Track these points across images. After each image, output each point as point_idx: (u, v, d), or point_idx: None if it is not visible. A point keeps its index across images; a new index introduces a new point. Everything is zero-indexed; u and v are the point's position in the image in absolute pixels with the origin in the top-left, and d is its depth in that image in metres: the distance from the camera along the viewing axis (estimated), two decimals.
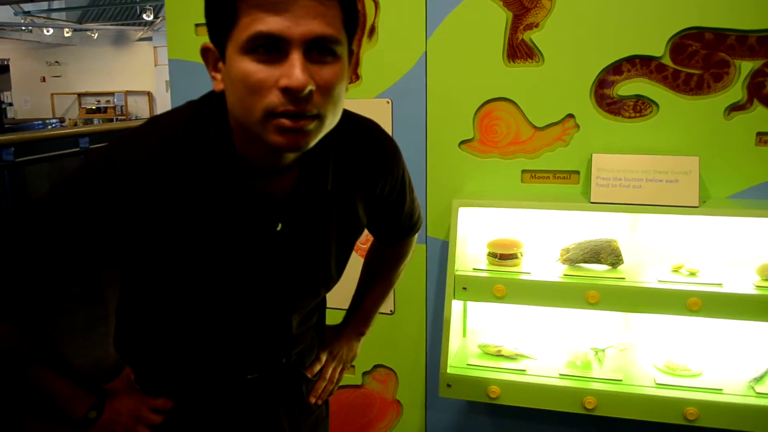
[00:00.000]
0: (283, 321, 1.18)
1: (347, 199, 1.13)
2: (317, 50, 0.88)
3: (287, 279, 1.12)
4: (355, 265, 1.38)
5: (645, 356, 1.95)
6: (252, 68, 0.86)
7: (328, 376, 1.40)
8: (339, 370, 1.44)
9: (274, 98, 0.86)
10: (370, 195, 1.17)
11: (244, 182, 0.98)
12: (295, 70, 0.85)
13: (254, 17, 0.84)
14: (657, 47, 1.84)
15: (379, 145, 1.17)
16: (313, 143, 0.93)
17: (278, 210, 1.04)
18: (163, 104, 16.08)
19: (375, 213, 1.22)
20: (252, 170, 0.99)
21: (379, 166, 1.16)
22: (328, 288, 1.24)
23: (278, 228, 1.05)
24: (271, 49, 0.85)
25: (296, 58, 0.85)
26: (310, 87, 0.86)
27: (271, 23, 0.84)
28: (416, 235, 1.45)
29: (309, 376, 1.35)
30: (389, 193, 1.22)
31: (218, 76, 0.94)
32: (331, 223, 1.12)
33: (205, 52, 0.96)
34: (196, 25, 2.24)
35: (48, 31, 15.47)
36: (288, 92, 0.85)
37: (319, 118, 0.90)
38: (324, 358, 1.41)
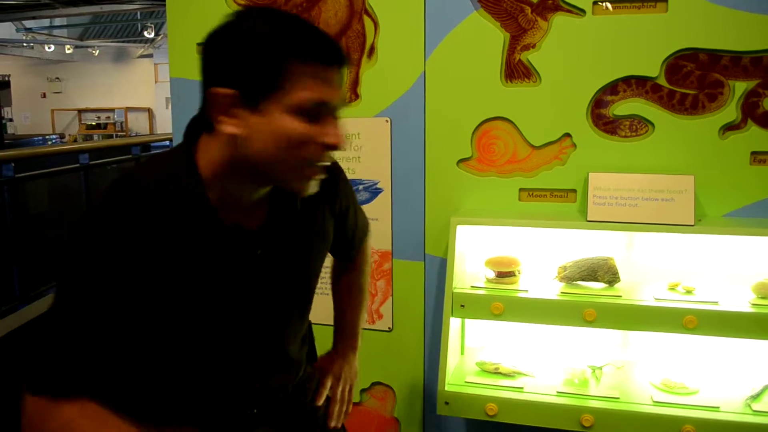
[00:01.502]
0: (277, 345, 1.23)
1: (316, 217, 1.22)
2: None
3: (275, 298, 1.18)
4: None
5: (642, 374, 1.95)
6: (297, 126, 0.97)
7: (338, 397, 1.43)
8: (347, 389, 1.47)
9: (314, 152, 1.00)
10: (332, 213, 1.27)
11: (220, 223, 1.05)
12: (338, 131, 1.01)
13: (304, 85, 0.95)
14: (652, 68, 1.86)
15: (332, 166, 1.23)
16: None
17: (256, 238, 1.11)
18: (163, 120, 16.14)
19: (336, 230, 1.31)
20: (228, 210, 1.06)
21: (334, 185, 1.25)
22: (310, 302, 1.30)
23: (258, 252, 1.12)
24: (315, 111, 0.97)
25: (336, 121, 1.01)
26: None
27: (322, 92, 0.97)
28: (370, 238, 1.51)
29: (318, 404, 1.37)
30: (346, 209, 1.32)
31: (231, 120, 0.97)
32: (305, 241, 1.20)
33: (216, 96, 0.97)
34: (198, 44, 2.26)
35: (49, 48, 15.57)
36: (329, 148, 1.01)
37: None
38: (329, 383, 1.43)
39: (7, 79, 16.76)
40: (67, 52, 15.85)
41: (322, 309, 2.32)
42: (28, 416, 0.99)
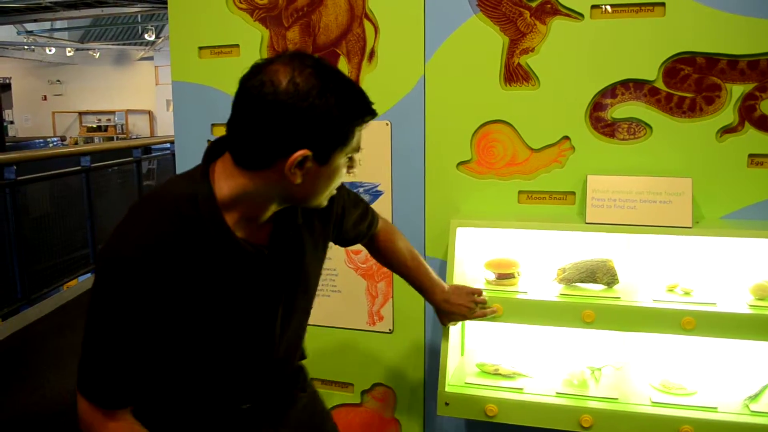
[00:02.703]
0: (285, 347, 1.35)
1: (314, 228, 1.35)
2: None
3: (286, 306, 1.31)
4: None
5: (641, 375, 1.96)
6: (345, 165, 1.19)
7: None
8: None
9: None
10: (330, 217, 1.41)
11: (237, 242, 1.16)
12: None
13: (357, 137, 1.16)
14: (650, 71, 1.88)
15: None
16: None
17: (269, 253, 1.23)
18: (164, 123, 16.15)
19: (349, 224, 1.51)
20: (241, 228, 1.18)
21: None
22: (312, 305, 1.44)
23: (271, 265, 1.25)
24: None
25: None
26: None
27: (360, 140, 1.18)
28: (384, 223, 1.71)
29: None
30: (347, 207, 1.49)
31: (300, 172, 1.11)
32: (308, 250, 1.32)
33: (304, 159, 1.09)
34: (200, 48, 2.28)
35: (50, 51, 15.59)
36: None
37: None
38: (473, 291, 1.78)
39: (8, 81, 16.78)
40: (68, 54, 15.87)
41: (321, 309, 2.34)
42: (82, 414, 1.16)
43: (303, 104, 1.05)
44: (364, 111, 1.15)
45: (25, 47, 15.63)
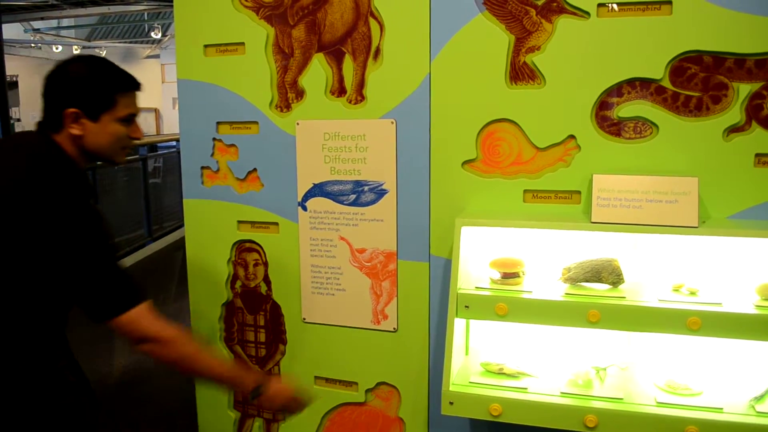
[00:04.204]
0: None
1: None
2: None
3: None
4: None
5: (646, 375, 1.96)
6: (121, 129, 1.70)
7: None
8: None
9: (127, 142, 1.75)
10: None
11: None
12: (140, 129, 1.78)
13: (125, 104, 1.70)
14: (657, 70, 1.87)
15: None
16: None
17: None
18: (170, 121, 16.19)
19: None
20: None
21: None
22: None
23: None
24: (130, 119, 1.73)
25: (137, 122, 1.78)
26: None
27: (132, 107, 1.73)
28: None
29: None
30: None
31: (76, 127, 1.63)
32: None
33: (67, 113, 1.63)
34: (205, 46, 2.28)
35: (57, 49, 15.65)
36: (135, 139, 1.76)
37: None
38: None
39: (15, 79, 16.83)
40: (75, 52, 15.92)
41: (321, 308, 2.34)
42: (145, 329, 1.55)
43: (75, 72, 1.64)
44: (127, 83, 1.69)
45: (32, 45, 15.70)
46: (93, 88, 1.62)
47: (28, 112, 16.73)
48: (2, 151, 1.66)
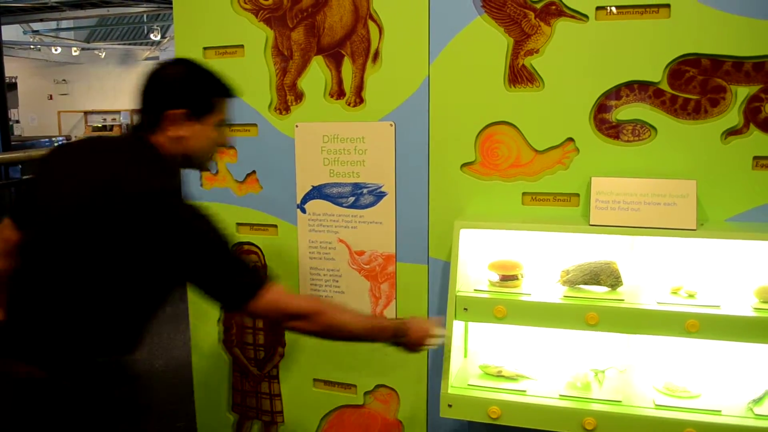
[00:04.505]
0: None
1: None
2: None
3: None
4: None
5: (644, 378, 1.96)
6: (216, 133, 1.67)
7: None
8: None
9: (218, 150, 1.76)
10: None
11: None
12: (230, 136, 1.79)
13: (222, 110, 1.67)
14: (655, 73, 1.87)
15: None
16: None
17: None
18: None
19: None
20: None
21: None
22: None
23: None
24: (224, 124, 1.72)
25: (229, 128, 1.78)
26: None
27: (227, 114, 1.71)
28: None
29: None
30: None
31: (180, 128, 1.61)
32: None
33: (172, 114, 1.60)
34: (204, 49, 2.29)
35: (56, 50, 15.64)
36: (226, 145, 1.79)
37: None
38: None
39: (14, 81, 16.80)
40: (74, 54, 15.92)
41: None
42: (276, 305, 1.54)
43: (182, 75, 1.64)
44: (226, 90, 1.67)
45: (31, 47, 15.69)
46: (198, 90, 1.61)
47: (27, 114, 16.72)
48: (100, 154, 1.60)
